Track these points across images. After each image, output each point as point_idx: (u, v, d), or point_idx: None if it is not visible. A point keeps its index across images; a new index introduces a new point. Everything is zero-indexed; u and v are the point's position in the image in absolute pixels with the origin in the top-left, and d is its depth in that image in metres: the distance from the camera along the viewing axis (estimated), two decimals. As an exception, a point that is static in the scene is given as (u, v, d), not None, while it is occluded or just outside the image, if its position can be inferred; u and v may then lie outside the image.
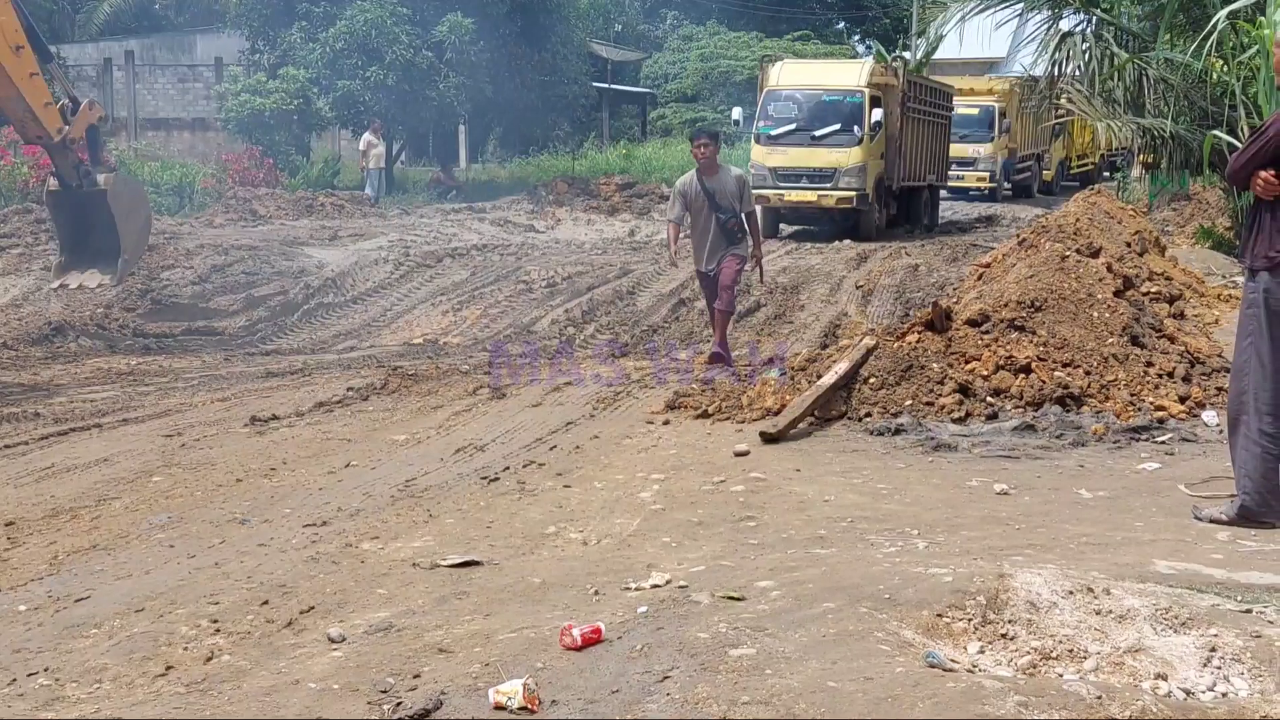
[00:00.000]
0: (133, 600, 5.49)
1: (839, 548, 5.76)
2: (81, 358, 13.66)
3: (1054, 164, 39.69)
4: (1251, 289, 6.09)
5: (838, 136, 24.84)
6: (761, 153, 25.28)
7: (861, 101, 25.02)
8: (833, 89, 25.40)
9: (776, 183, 24.92)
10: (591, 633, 4.47)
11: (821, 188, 24.69)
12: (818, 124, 25.13)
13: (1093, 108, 16.87)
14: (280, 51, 33.29)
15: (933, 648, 4.21)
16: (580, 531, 6.44)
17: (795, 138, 25.12)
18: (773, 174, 24.98)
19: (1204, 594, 4.70)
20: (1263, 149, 5.96)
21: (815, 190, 24.69)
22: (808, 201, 24.84)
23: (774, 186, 24.84)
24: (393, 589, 5.51)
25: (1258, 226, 6.06)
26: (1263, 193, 5.98)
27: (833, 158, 24.71)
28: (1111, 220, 11.24)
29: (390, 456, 8.57)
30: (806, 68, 27.79)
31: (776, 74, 26.21)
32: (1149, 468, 7.37)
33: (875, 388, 8.68)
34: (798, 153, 24.95)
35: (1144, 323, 9.19)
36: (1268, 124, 6.05)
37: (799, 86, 25.79)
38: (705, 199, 12.04)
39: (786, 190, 24.91)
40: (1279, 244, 5.95)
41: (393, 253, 21.26)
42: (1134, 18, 19.50)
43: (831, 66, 28.84)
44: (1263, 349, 6.00)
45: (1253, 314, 6.05)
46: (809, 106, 25.36)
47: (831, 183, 24.65)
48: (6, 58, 11.22)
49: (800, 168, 24.87)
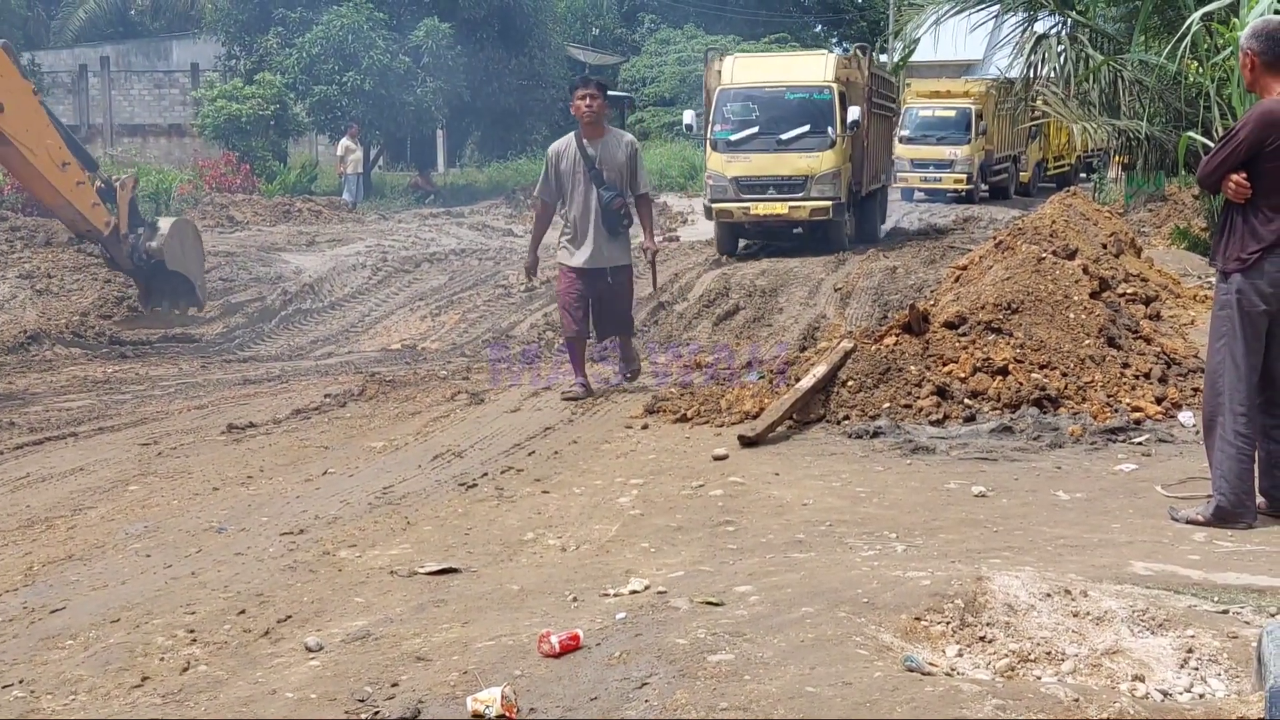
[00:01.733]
0: (109, 611, 5.46)
1: (818, 552, 5.76)
2: (57, 366, 13.59)
3: (1031, 165, 39.77)
4: (1224, 290, 6.12)
5: (808, 139, 21.96)
6: (720, 161, 22.20)
7: (831, 98, 22.27)
8: (797, 85, 22.58)
9: (740, 194, 21.99)
10: (570, 639, 4.46)
11: (792, 198, 21.84)
12: (783, 125, 22.21)
13: (1068, 110, 16.92)
14: (256, 57, 33.24)
15: (911, 651, 4.21)
16: (559, 538, 6.43)
17: (759, 142, 22.11)
18: (735, 184, 21.99)
19: (1181, 595, 4.71)
20: (1233, 153, 5.99)
21: (785, 201, 21.86)
22: (777, 215, 22.01)
23: (737, 199, 22.00)
24: (370, 597, 5.49)
25: (1229, 229, 6.10)
26: (1234, 196, 6.02)
27: (804, 164, 21.84)
28: (1087, 222, 11.28)
29: (368, 464, 8.54)
30: (762, 61, 25.01)
31: (729, 70, 23.10)
32: (1126, 469, 7.39)
33: (853, 390, 8.69)
34: (763, 159, 22.00)
35: (1120, 324, 9.22)
36: (1236, 128, 6.08)
37: (757, 84, 22.81)
38: (584, 169, 9.75)
39: (752, 202, 21.96)
40: (1250, 246, 5.98)
41: (370, 258, 21.23)
42: (1109, 20, 19.57)
43: (791, 59, 25.64)
44: (1236, 350, 6.03)
45: (1225, 315, 6.09)
46: (771, 106, 22.42)
47: (803, 192, 21.80)
48: (55, 175, 12.73)
49: (766, 176, 21.95)
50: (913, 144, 35.92)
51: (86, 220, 13.56)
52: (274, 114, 31.35)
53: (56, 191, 12.97)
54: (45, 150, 12.69)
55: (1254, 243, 5.97)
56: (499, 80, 35.16)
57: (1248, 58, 6.11)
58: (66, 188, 13.01)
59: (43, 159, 12.66)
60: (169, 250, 14.59)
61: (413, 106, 32.27)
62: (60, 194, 13.01)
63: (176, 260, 14.75)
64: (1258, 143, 5.92)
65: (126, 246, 14.39)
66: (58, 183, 12.91)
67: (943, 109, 36.13)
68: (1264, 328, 6.05)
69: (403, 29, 32.60)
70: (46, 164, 12.71)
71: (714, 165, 22.57)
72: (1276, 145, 5.90)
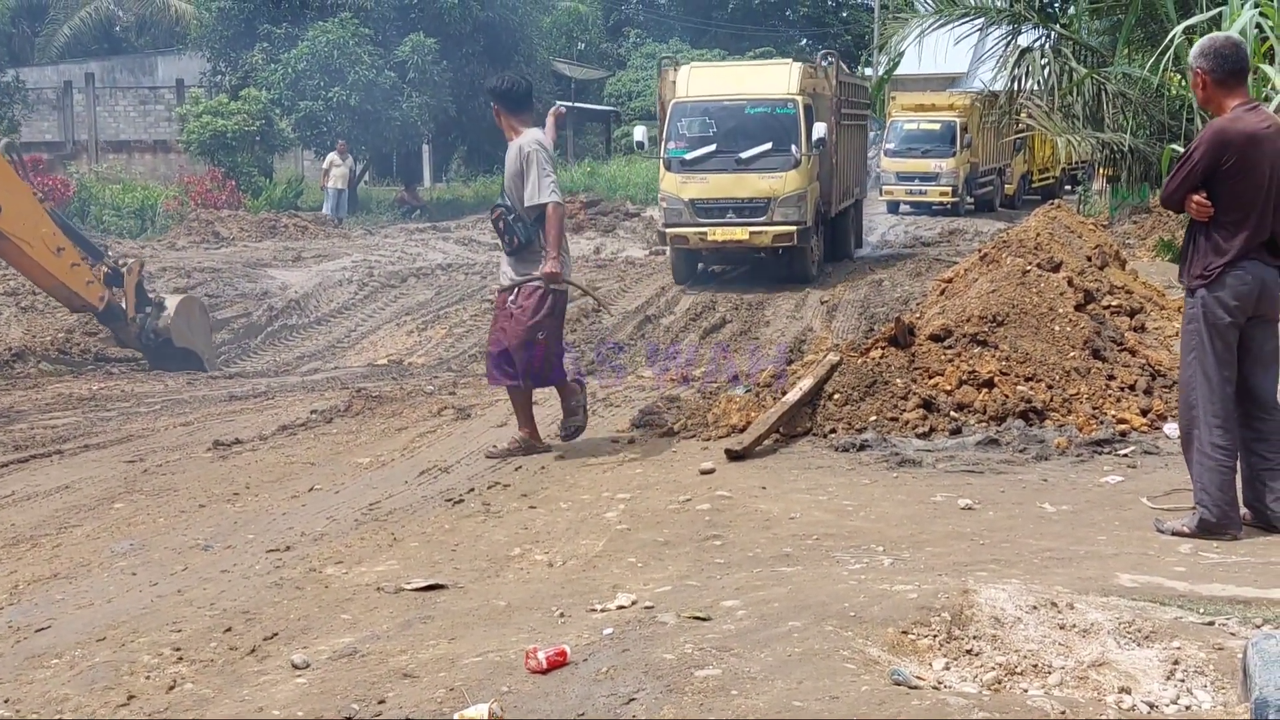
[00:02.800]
0: (94, 629, 5.44)
1: (805, 565, 5.76)
2: (43, 383, 13.56)
3: (1015, 178, 39.90)
4: (1191, 305, 6.21)
5: (770, 158, 20.00)
6: (674, 182, 20.13)
7: (795, 112, 20.24)
8: (758, 98, 20.51)
9: (696, 218, 20.01)
10: (557, 655, 4.45)
11: (753, 222, 19.86)
12: (743, 142, 20.19)
13: (1052, 122, 16.98)
14: (242, 73, 33.21)
15: (898, 665, 4.22)
16: (546, 553, 6.43)
17: (716, 161, 20.11)
18: (690, 208, 20.00)
19: (1167, 607, 4.72)
20: (1190, 173, 6.08)
21: (745, 226, 19.89)
22: (737, 241, 20.09)
23: (693, 224, 20.04)
24: (357, 614, 5.48)
25: (1193, 246, 6.20)
26: (1198, 215, 6.12)
27: (765, 185, 19.89)
28: (1072, 234, 11.31)
29: (354, 479, 8.53)
30: (720, 72, 22.95)
31: (684, 81, 21.01)
32: (1111, 481, 7.41)
33: (840, 404, 8.70)
34: (721, 180, 20.04)
35: (1105, 336, 9.25)
36: (1191, 149, 6.16)
37: (714, 97, 20.76)
38: None
39: (709, 227, 19.99)
40: (1212, 261, 6.07)
41: (357, 273, 21.22)
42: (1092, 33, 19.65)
43: (751, 70, 23.15)
44: (1207, 364, 6.09)
45: (1193, 329, 6.16)
46: (729, 121, 20.44)
47: (765, 216, 19.82)
48: (50, 261, 13.48)
49: (725, 199, 20.00)
50: (898, 157, 35.89)
51: (80, 297, 14.08)
52: (259, 130, 31.31)
53: (51, 275, 13.65)
54: (40, 240, 13.36)
55: (1216, 258, 6.06)
56: (484, 95, 35.17)
57: (1198, 76, 6.18)
58: (61, 270, 13.66)
59: (39, 249, 13.36)
60: (175, 329, 14.94)
61: (398, 121, 32.28)
62: (55, 276, 13.66)
63: (183, 337, 15.06)
64: (1213, 163, 6.00)
65: (135, 328, 14.80)
66: (52, 267, 13.57)
67: (928, 122, 36.12)
68: (1234, 340, 6.11)
69: (388, 44, 32.62)
70: (42, 252, 13.40)
71: (668, 186, 20.62)
72: (1231, 163, 5.98)
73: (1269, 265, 6.12)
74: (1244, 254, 6.03)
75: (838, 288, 19.87)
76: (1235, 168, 5.98)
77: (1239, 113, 6.06)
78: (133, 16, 45.22)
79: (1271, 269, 6.14)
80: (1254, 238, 6.05)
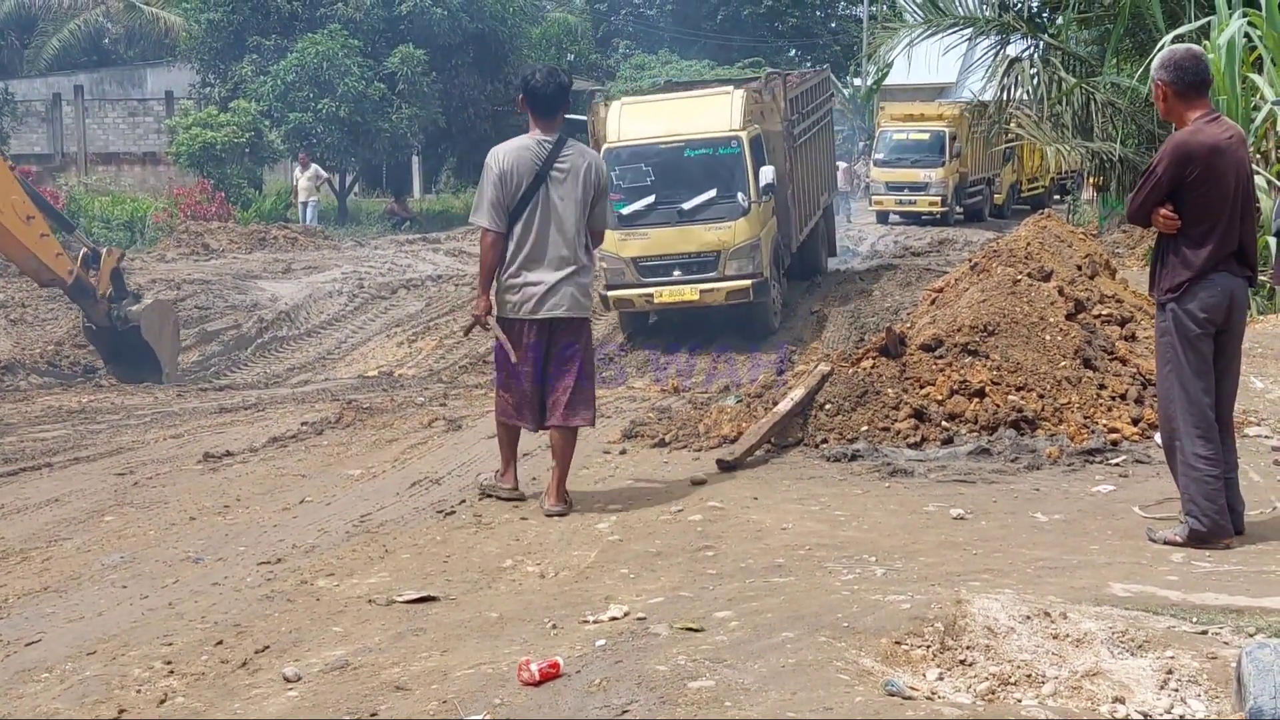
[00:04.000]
0: (84, 642, 5.42)
1: (797, 576, 5.76)
2: (32, 396, 13.53)
3: (1005, 188, 39.94)
4: (1162, 318, 6.23)
5: (716, 207, 17.41)
6: (613, 239, 16.52)
7: (740, 151, 17.59)
8: (697, 138, 17.70)
9: (640, 278, 17.33)
10: (549, 667, 4.44)
11: (703, 279, 17.28)
12: (685, 190, 17.50)
13: (1042, 132, 17.06)
14: (231, 84, 33.22)
15: (892, 676, 4.21)
16: (537, 565, 6.41)
17: (657, 214, 17.40)
18: (633, 266, 17.33)
19: (1160, 616, 4.72)
20: (1155, 187, 6.10)
21: (695, 284, 17.29)
22: (686, 301, 17.39)
23: (637, 284, 17.35)
24: (348, 626, 5.46)
25: (1162, 259, 6.23)
26: (1165, 229, 6.15)
27: (713, 237, 17.28)
28: (1062, 244, 11.31)
29: (345, 491, 8.51)
30: (655, 109, 19.33)
31: (615, 121, 18.08)
32: (1103, 490, 7.41)
33: (831, 414, 8.69)
34: (663, 235, 17.36)
35: (1096, 345, 9.25)
36: (1154, 164, 6.18)
37: (649, 139, 17.74)
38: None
39: (655, 287, 17.31)
40: (1181, 275, 6.08)
41: (347, 285, 21.20)
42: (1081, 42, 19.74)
43: (690, 104, 19.56)
44: (1183, 376, 6.11)
45: (1167, 342, 6.18)
46: (668, 167, 17.59)
47: (716, 271, 17.27)
48: (19, 228, 13.48)
49: (670, 255, 17.33)
50: (887, 167, 35.86)
51: (50, 270, 14.06)
52: (249, 141, 31.30)
53: (20, 243, 13.62)
54: (10, 206, 13.35)
55: (1185, 271, 6.08)
56: (474, 106, 35.20)
57: (1160, 89, 6.21)
58: (30, 239, 13.64)
59: (8, 215, 13.33)
60: (146, 320, 14.87)
61: (388, 133, 32.30)
62: (24, 245, 13.63)
63: (151, 332, 14.96)
64: (1177, 175, 6.03)
65: (105, 306, 14.75)
66: (21, 235, 13.54)
67: (917, 132, 36.09)
68: (1208, 351, 6.14)
69: (377, 56, 32.63)
70: (11, 219, 13.37)
71: (607, 244, 15.46)
72: (1195, 175, 6.01)
73: (1237, 276, 6.15)
74: (1213, 266, 6.06)
75: (828, 297, 19.88)
76: (1199, 179, 6.00)
77: (1200, 124, 6.09)
78: (121, 29, 45.14)
79: (1240, 280, 6.17)
80: (1222, 249, 6.07)
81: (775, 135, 19.10)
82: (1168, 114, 6.32)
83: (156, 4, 41.22)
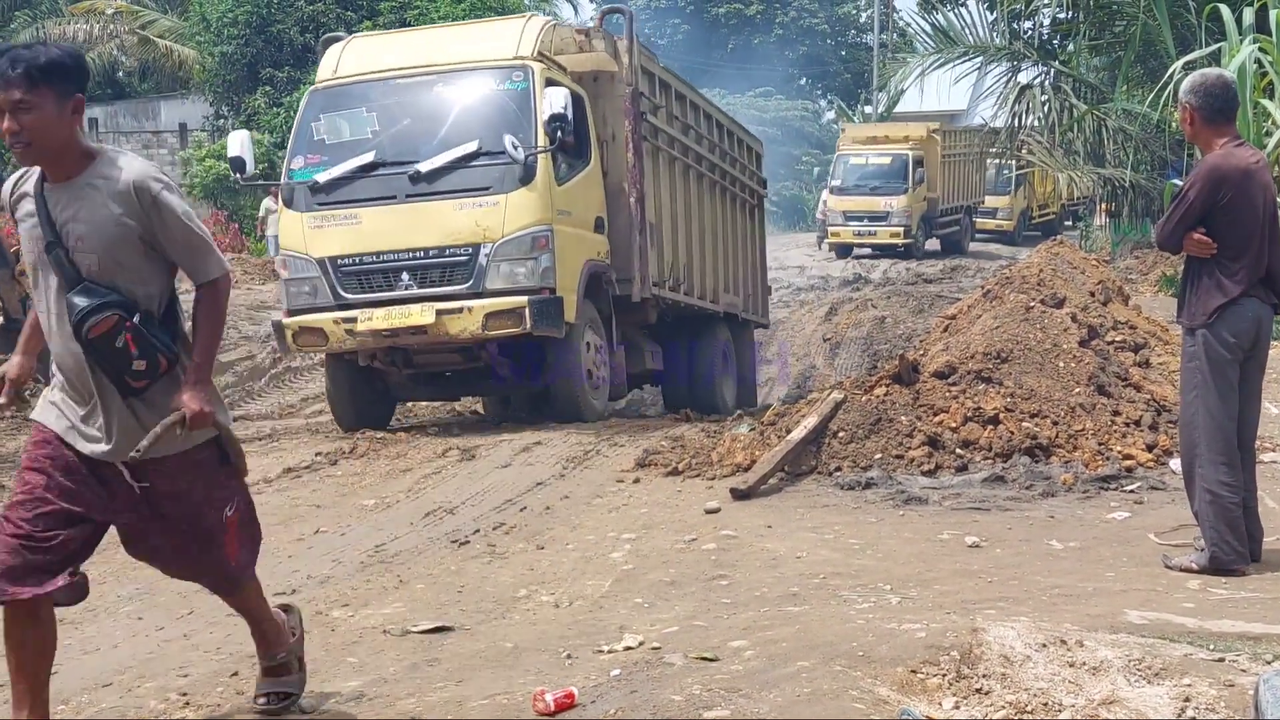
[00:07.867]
0: (100, 675, 5.43)
1: (812, 605, 5.75)
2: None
3: (1016, 214, 39.62)
4: (1190, 343, 6.21)
5: (476, 170, 11.31)
6: (300, 229, 11.62)
7: (526, 88, 11.32)
8: (455, 68, 11.80)
9: (339, 293, 11.38)
10: (565, 698, 4.44)
11: (446, 294, 11.17)
12: (426, 147, 11.46)
13: (1053, 158, 17.11)
14: (245, 116, 33.38)
15: (908, 704, 4.20)
16: (552, 594, 6.40)
17: (377, 183, 11.45)
18: (329, 274, 11.38)
19: (1176, 644, 4.70)
20: (1188, 211, 6.09)
21: (431, 301, 11.11)
22: (413, 330, 11.12)
23: (333, 304, 11.40)
24: (363, 657, 5.46)
25: (1194, 284, 6.20)
26: (1200, 253, 6.13)
27: (466, 221, 11.12)
28: (1075, 270, 11.31)
29: (360, 522, 8.51)
30: (398, 40, 13.91)
31: (332, 60, 12.24)
32: (1119, 517, 7.40)
33: (845, 441, 8.69)
34: (384, 218, 11.32)
35: (1110, 372, 9.24)
36: (1186, 188, 6.18)
37: (379, 73, 11.92)
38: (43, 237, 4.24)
39: (364, 308, 11.24)
40: (1215, 300, 6.07)
41: (360, 315, 21.19)
42: (1092, 69, 19.79)
43: (454, 33, 14.47)
44: (1210, 401, 6.09)
45: (1195, 367, 6.16)
46: (405, 111, 11.81)
47: (469, 281, 11.13)
48: None
49: (392, 253, 11.27)
50: (845, 195, 33.10)
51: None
52: (262, 173, 31.45)
53: None
54: None
55: (1219, 295, 6.07)
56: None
57: (1187, 112, 6.22)
58: None
59: None
60: None
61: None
62: None
63: None
64: (1211, 199, 6.03)
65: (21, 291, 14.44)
66: None
67: (877, 156, 33.30)
68: (1235, 377, 6.15)
69: (389, 86, 32.82)
70: None
71: (290, 238, 11.87)
72: (1228, 198, 6.00)
73: (1265, 302, 6.15)
74: (1245, 291, 6.05)
75: (841, 324, 19.87)
76: (1232, 202, 6.01)
77: (1230, 148, 6.10)
78: (135, 62, 45.38)
79: (1268, 306, 6.17)
80: (1252, 273, 6.07)
81: (614, 106, 12.35)
82: (1193, 137, 6.35)
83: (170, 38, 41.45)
